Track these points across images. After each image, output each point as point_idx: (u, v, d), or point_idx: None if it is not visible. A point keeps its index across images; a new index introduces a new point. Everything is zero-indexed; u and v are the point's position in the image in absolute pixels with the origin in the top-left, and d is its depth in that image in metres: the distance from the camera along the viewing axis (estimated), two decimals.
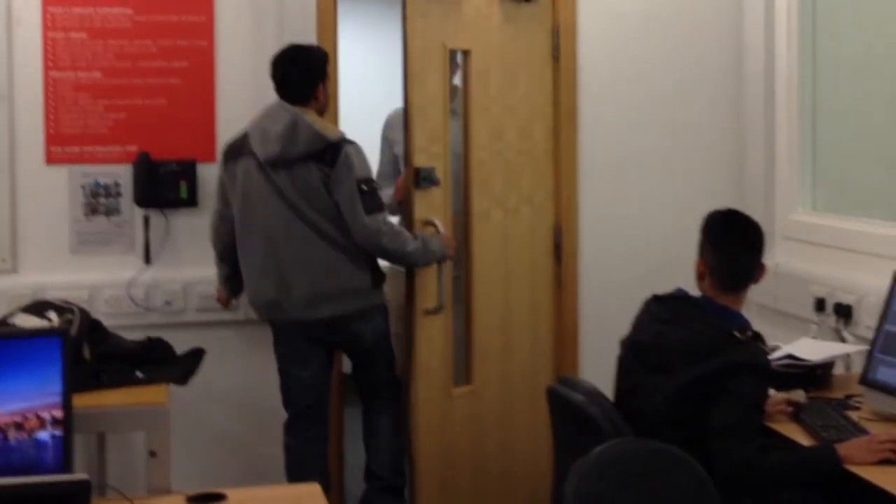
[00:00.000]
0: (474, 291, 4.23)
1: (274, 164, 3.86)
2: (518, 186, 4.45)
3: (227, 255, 4.09)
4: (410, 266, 3.96)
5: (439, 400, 4.10)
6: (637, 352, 3.14)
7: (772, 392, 3.14)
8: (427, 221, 3.99)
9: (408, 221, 3.97)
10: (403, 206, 4.09)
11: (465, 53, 4.21)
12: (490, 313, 4.30)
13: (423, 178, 3.96)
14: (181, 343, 3.74)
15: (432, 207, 4.03)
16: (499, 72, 4.33)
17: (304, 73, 3.97)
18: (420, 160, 3.96)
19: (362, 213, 3.82)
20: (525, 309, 4.48)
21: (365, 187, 3.85)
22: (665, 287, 3.26)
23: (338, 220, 3.86)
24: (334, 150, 3.85)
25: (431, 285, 4.01)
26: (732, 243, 3.14)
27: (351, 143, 3.92)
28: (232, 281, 4.14)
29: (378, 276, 4.00)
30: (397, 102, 4.35)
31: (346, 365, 4.41)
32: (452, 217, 4.16)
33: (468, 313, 4.24)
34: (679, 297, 3.16)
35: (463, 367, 4.24)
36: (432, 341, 4.04)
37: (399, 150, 4.48)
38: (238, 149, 3.99)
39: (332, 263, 3.88)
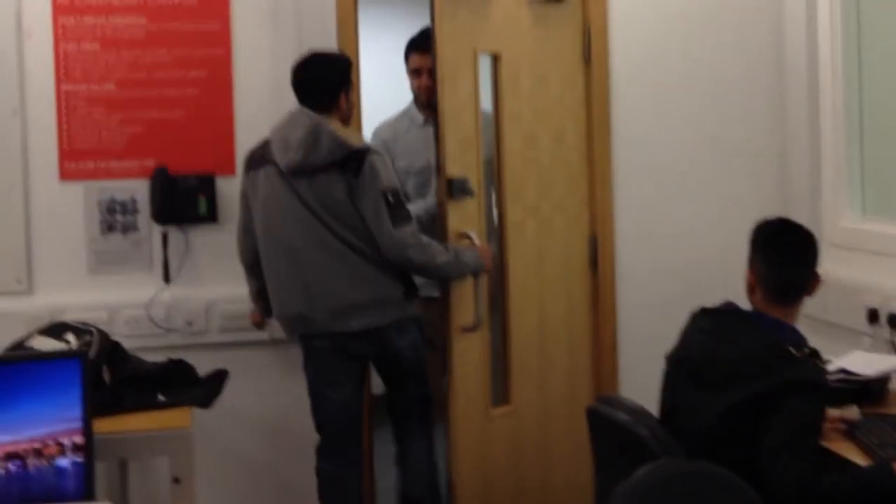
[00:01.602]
0: (511, 307, 4.22)
1: (295, 172, 3.86)
2: (551, 195, 4.44)
3: (256, 268, 4.08)
4: (443, 280, 3.95)
5: (478, 421, 4.08)
6: (685, 368, 3.11)
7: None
8: (462, 234, 3.97)
9: (441, 234, 3.96)
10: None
11: (495, 57, 4.20)
12: (526, 329, 4.29)
13: (456, 189, 3.94)
14: (204, 364, 3.75)
15: (467, 219, 4.02)
16: (529, 75, 4.32)
17: (326, 80, 3.96)
18: (453, 170, 3.95)
19: (389, 225, 3.81)
20: (561, 324, 4.46)
21: (391, 198, 3.83)
22: (708, 300, 3.24)
23: (363, 231, 3.85)
24: (358, 160, 3.83)
25: (468, 301, 3.98)
26: (784, 254, 3.11)
27: (376, 152, 3.91)
28: (264, 296, 4.11)
29: (411, 288, 3.97)
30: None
31: (375, 386, 4.40)
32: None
33: (505, 330, 4.22)
34: (729, 310, 3.13)
35: (500, 387, 4.22)
36: (469, 360, 4.02)
37: (402, 163, 4.49)
38: (259, 157, 3.99)
39: (359, 274, 3.87)
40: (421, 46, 4.46)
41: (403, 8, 6.87)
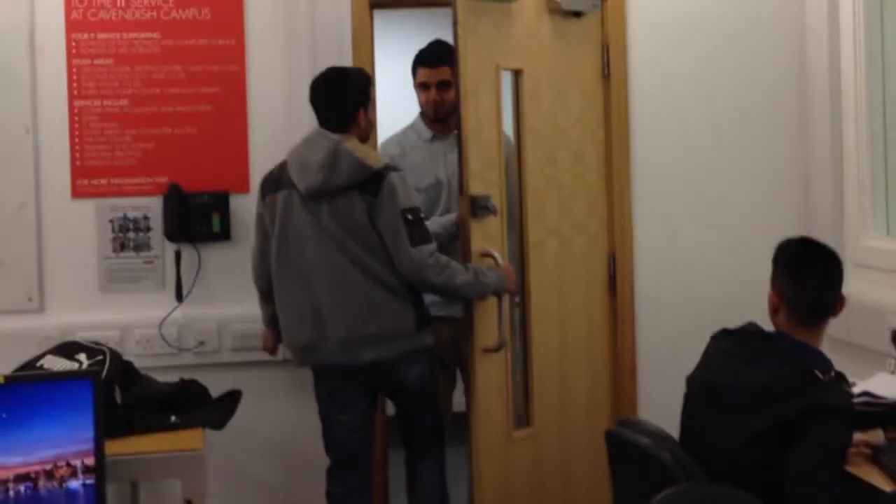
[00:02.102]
0: (532, 327, 4.20)
1: (315, 195, 3.84)
2: (572, 214, 4.42)
3: (271, 294, 4.05)
4: (464, 300, 3.93)
5: (500, 444, 4.05)
6: (707, 391, 3.09)
7: None
8: (484, 253, 3.95)
9: (464, 252, 3.94)
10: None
11: (517, 73, 4.19)
12: (547, 350, 4.26)
13: (479, 207, 3.93)
14: (217, 385, 3.76)
15: (489, 238, 4.00)
16: (550, 91, 4.32)
17: (343, 98, 3.95)
18: (476, 187, 3.93)
19: (407, 244, 3.80)
20: (582, 345, 4.45)
21: (410, 217, 3.82)
22: (730, 320, 3.21)
23: (381, 253, 3.83)
24: (378, 179, 3.82)
25: (491, 322, 3.96)
26: (808, 274, 3.09)
27: (395, 170, 3.90)
28: (276, 321, 4.10)
29: (423, 318, 3.95)
30: None
31: (390, 407, 4.40)
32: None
33: (526, 351, 4.20)
34: (752, 332, 3.11)
35: (521, 409, 4.20)
36: (491, 382, 4.00)
37: (430, 179, 4.45)
38: (276, 180, 3.97)
39: (373, 303, 3.84)
40: (428, 60, 4.46)
41: (415, 21, 6.88)
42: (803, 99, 4.69)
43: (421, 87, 4.50)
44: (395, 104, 5.26)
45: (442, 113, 4.45)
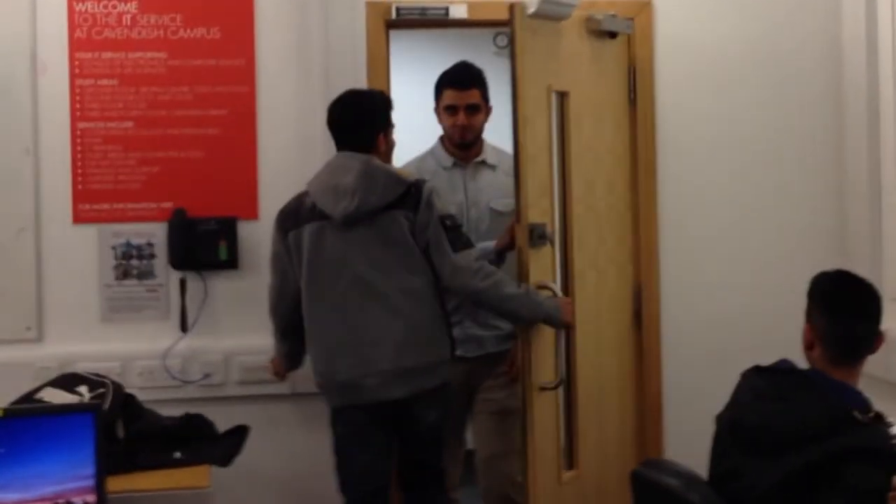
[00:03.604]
0: (577, 363, 4.18)
1: (352, 220, 3.82)
2: (606, 244, 4.43)
3: (290, 333, 4.04)
4: (512, 316, 3.93)
5: (551, 486, 4.03)
6: (737, 431, 3.08)
7: None
8: (541, 285, 3.94)
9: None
10: (504, 257, 4.11)
11: (562, 95, 4.19)
12: (588, 388, 4.26)
13: (537, 236, 3.94)
14: (223, 420, 3.77)
15: (541, 268, 3.99)
16: (590, 116, 4.33)
17: (365, 119, 3.95)
18: (533, 215, 3.94)
19: (450, 250, 3.82)
20: (615, 382, 4.45)
21: (448, 223, 3.86)
22: (760, 358, 3.20)
23: (424, 272, 3.85)
24: (416, 192, 3.85)
25: (548, 357, 3.95)
26: (845, 309, 3.08)
27: (427, 181, 3.95)
28: (292, 357, 4.11)
29: (454, 345, 3.98)
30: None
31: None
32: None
33: (571, 388, 4.18)
34: (786, 369, 3.09)
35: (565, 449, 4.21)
36: (546, 421, 4.00)
37: (451, 209, 4.36)
38: (295, 214, 3.93)
39: (417, 328, 3.85)
40: (457, 82, 4.40)
41: (429, 40, 6.90)
42: (839, 121, 4.69)
43: (447, 110, 4.40)
44: (405, 127, 5.26)
45: (469, 138, 4.40)
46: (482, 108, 4.38)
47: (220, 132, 4.42)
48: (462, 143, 4.42)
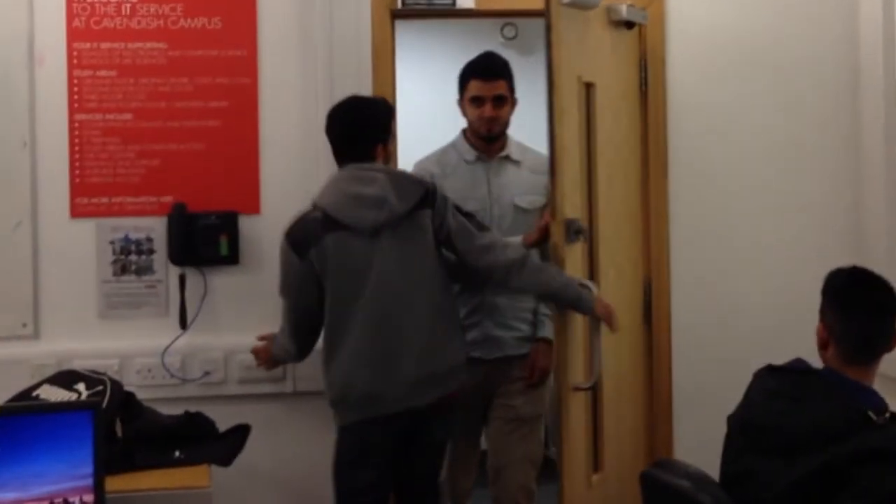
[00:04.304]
0: (603, 363, 4.13)
1: (378, 229, 3.81)
2: (623, 239, 4.43)
3: (308, 350, 4.04)
4: (544, 288, 3.93)
5: (582, 489, 4.04)
6: (750, 432, 3.08)
7: None
8: (580, 283, 3.93)
9: None
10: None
11: (589, 86, 4.18)
12: (609, 388, 4.25)
13: (573, 232, 3.94)
14: (223, 418, 3.76)
15: (574, 266, 3.98)
16: (610, 109, 4.32)
17: (362, 131, 3.94)
18: (568, 210, 3.93)
19: (475, 230, 3.91)
20: (629, 381, 4.45)
21: (463, 211, 3.95)
22: (772, 357, 3.20)
23: (443, 275, 3.91)
24: (433, 190, 3.90)
25: (581, 357, 3.96)
26: (859, 306, 3.07)
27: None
28: (291, 356, 4.11)
29: (467, 349, 4.03)
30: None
31: None
32: None
33: (597, 389, 4.17)
34: (799, 369, 3.09)
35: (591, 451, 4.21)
36: (579, 423, 4.00)
37: (473, 205, 4.24)
38: (309, 231, 3.84)
39: (438, 334, 3.87)
40: (484, 73, 4.34)
41: (436, 31, 6.88)
42: (856, 115, 4.68)
43: (473, 101, 4.35)
44: (412, 120, 5.26)
45: (496, 130, 4.37)
46: (508, 100, 4.36)
47: (220, 124, 4.42)
48: (489, 135, 4.38)
